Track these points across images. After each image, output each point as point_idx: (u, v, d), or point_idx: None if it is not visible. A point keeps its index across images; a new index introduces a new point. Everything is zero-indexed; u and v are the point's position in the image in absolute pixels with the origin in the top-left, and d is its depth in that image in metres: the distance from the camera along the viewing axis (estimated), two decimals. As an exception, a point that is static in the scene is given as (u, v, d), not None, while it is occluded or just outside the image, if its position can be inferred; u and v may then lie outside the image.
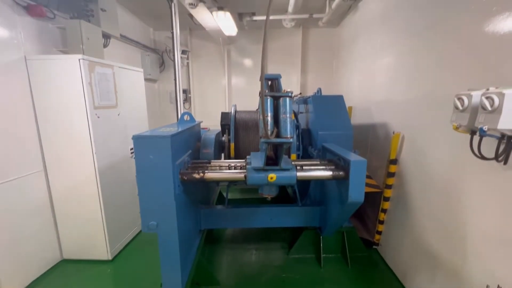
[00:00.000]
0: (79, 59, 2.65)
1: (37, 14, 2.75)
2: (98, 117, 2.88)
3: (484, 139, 1.51)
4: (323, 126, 2.92)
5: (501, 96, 1.27)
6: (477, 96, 1.43)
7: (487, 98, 1.33)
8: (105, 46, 3.58)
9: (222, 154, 3.30)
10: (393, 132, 2.88)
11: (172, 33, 3.67)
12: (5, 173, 2.52)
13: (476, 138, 1.54)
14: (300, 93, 5.89)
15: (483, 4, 1.77)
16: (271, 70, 5.85)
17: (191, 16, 4.19)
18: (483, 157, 1.57)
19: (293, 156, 2.97)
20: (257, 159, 2.15)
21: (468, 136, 1.59)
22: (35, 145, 2.81)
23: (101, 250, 3.12)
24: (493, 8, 1.69)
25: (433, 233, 2.30)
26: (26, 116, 2.72)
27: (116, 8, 3.70)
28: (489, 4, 1.72)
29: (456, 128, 1.57)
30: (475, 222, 1.85)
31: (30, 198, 2.77)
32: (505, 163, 1.49)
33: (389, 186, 2.97)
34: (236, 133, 3.10)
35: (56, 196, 2.98)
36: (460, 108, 1.51)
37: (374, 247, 3.32)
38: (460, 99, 1.51)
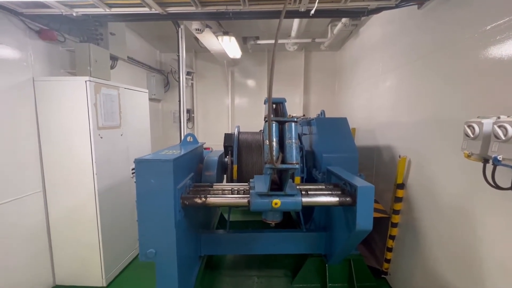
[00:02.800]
0: (85, 81, 2.69)
1: (48, 38, 2.84)
2: (101, 137, 2.87)
3: (498, 167, 1.45)
4: (328, 148, 2.88)
5: (515, 125, 1.23)
6: (488, 124, 1.40)
7: (499, 127, 1.29)
8: (112, 67, 3.66)
9: (225, 176, 3.24)
10: (399, 156, 2.83)
11: (178, 56, 3.76)
12: (3, 194, 2.46)
13: (490, 166, 1.48)
14: (304, 115, 5.92)
15: (487, 33, 1.79)
16: (274, 92, 5.83)
17: (196, 39, 4.32)
18: (498, 187, 1.50)
19: (297, 179, 2.90)
20: (261, 183, 2.09)
21: (481, 164, 1.54)
22: (35, 165, 2.77)
23: (96, 276, 2.97)
24: (497, 37, 1.70)
25: (446, 263, 2.17)
26: (29, 136, 2.71)
27: (124, 32, 3.83)
28: (492, 34, 1.74)
29: (468, 156, 1.52)
30: (491, 253, 1.74)
31: (27, 221, 2.70)
32: (522, 193, 1.42)
33: (397, 212, 2.86)
34: (239, 155, 3.07)
35: (53, 218, 2.90)
36: (471, 136, 1.47)
37: (383, 276, 3.14)
38: (470, 126, 1.48)
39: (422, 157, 2.52)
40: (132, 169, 3.44)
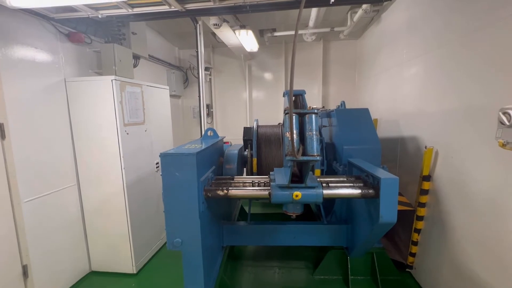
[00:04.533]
0: (112, 80, 2.82)
1: (76, 40, 3.01)
2: (127, 133, 3.02)
3: (537, 157, 1.36)
4: (348, 140, 2.82)
5: (557, 111, 1.14)
6: (526, 110, 1.31)
7: (539, 113, 1.20)
8: (135, 66, 3.81)
9: (244, 169, 3.29)
10: (425, 147, 2.71)
11: (197, 51, 3.83)
12: (44, 187, 2.69)
13: (527, 156, 1.39)
14: (323, 107, 5.81)
15: (525, 11, 1.65)
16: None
17: (214, 34, 4.35)
18: (536, 177, 1.41)
19: (317, 171, 2.88)
20: (281, 176, 2.11)
21: (517, 153, 1.45)
22: (70, 160, 2.99)
23: (127, 264, 3.18)
24: (538, 15, 1.56)
25: (476, 257, 2.08)
26: (64, 133, 2.92)
27: (145, 31, 3.95)
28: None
29: (503, 145, 1.43)
30: (529, 250, 1.65)
31: (64, 211, 2.93)
32: None
33: (422, 205, 2.76)
34: (259, 148, 3.09)
35: (87, 210, 3.12)
36: (507, 123, 1.38)
37: (407, 270, 3.07)
38: (506, 113, 1.39)
39: (451, 148, 2.39)
40: (156, 163, 3.59)
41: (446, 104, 2.47)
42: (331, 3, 2.39)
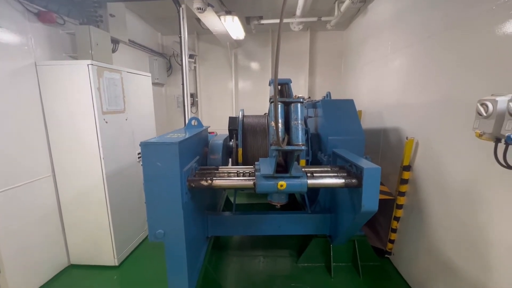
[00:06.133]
0: (88, 65, 2.65)
1: (47, 20, 2.78)
2: (106, 122, 2.87)
3: (510, 147, 1.41)
4: (333, 131, 2.84)
5: (531, 102, 1.18)
6: (503, 101, 1.34)
7: (515, 104, 1.24)
8: (113, 51, 3.60)
9: (230, 159, 3.25)
10: (407, 138, 2.79)
11: (180, 37, 3.67)
12: (15, 178, 2.53)
13: (501, 146, 1.45)
14: (309, 97, 5.82)
15: (503, 6, 1.68)
16: (279, 73, 5.79)
17: (198, 20, 4.18)
18: (509, 166, 1.47)
19: (303, 161, 2.89)
20: (266, 166, 2.09)
21: (492, 144, 1.50)
22: (44, 150, 2.82)
23: (108, 256, 3.10)
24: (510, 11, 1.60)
25: (451, 244, 2.19)
26: (36, 121, 2.73)
27: (125, 13, 3.73)
28: (509, 7, 1.63)
29: (479, 136, 1.48)
30: (499, 235, 1.74)
31: (39, 203, 2.78)
32: (533, 173, 1.39)
33: (402, 193, 2.86)
34: (244, 138, 3.06)
35: (64, 202, 2.98)
36: (484, 114, 1.42)
37: (386, 256, 3.20)
38: (483, 104, 1.43)
39: (431, 139, 2.47)
40: (138, 153, 3.48)
41: (426, 97, 2.53)
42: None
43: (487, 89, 1.78)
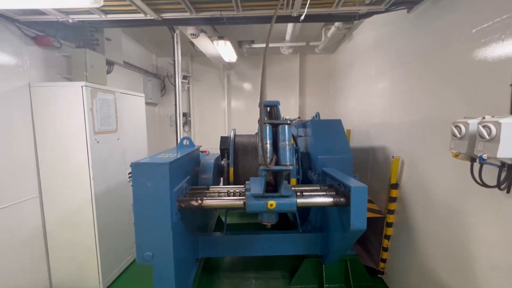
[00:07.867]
0: (82, 86, 2.71)
1: (44, 43, 2.86)
2: (98, 142, 2.88)
3: (485, 166, 1.50)
4: (323, 150, 2.92)
5: (498, 125, 1.28)
6: (473, 124, 1.45)
7: (484, 127, 1.34)
8: (108, 72, 3.69)
9: (222, 178, 3.26)
10: (393, 156, 2.88)
11: (174, 60, 3.80)
12: (0, 200, 2.47)
13: (477, 165, 1.53)
14: (299, 117, 5.97)
15: (473, 36, 1.85)
16: (270, 94, 5.98)
17: (192, 43, 4.36)
18: (484, 185, 1.55)
19: (293, 180, 2.93)
20: (256, 185, 2.12)
21: (469, 163, 1.59)
22: (32, 170, 2.78)
23: (93, 281, 2.96)
24: (481, 40, 1.76)
25: (440, 261, 2.21)
26: (26, 142, 2.72)
27: (120, 37, 3.86)
28: (477, 37, 1.80)
29: (456, 156, 1.57)
30: (482, 252, 1.79)
31: (24, 226, 2.69)
32: (508, 191, 1.47)
33: (391, 212, 2.90)
34: (236, 158, 3.10)
35: (50, 223, 2.89)
36: (458, 135, 1.52)
37: (379, 276, 3.18)
38: (457, 127, 1.53)
39: (415, 157, 2.57)
40: (129, 173, 3.43)
41: (410, 116, 2.66)
42: (301, 20, 2.51)
43: (463, 109, 1.90)
